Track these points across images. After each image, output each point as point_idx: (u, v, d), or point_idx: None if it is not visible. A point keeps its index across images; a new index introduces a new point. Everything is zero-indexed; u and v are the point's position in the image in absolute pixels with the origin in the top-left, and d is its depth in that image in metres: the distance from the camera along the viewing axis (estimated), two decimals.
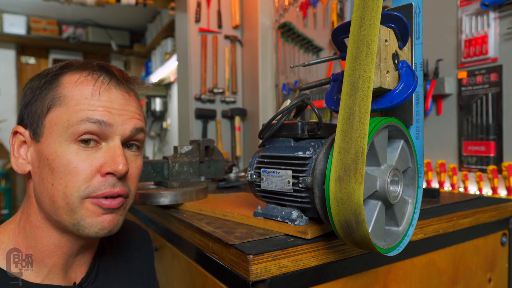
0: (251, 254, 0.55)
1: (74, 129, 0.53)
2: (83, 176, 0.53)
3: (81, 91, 0.56)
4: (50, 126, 0.55)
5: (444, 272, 0.84)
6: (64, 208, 0.54)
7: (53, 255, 0.58)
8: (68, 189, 0.53)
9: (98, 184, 0.54)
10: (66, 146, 0.54)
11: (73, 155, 0.53)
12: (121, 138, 0.57)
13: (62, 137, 0.54)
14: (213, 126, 2.41)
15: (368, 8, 0.53)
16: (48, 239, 0.57)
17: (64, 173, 0.53)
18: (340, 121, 0.53)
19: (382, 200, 0.59)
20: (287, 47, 2.13)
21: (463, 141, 1.24)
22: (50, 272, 0.58)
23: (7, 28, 4.03)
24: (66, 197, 0.53)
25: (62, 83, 0.57)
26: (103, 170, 0.54)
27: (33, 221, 0.58)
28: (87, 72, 0.58)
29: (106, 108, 0.55)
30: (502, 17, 1.13)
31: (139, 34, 4.81)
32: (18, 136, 0.58)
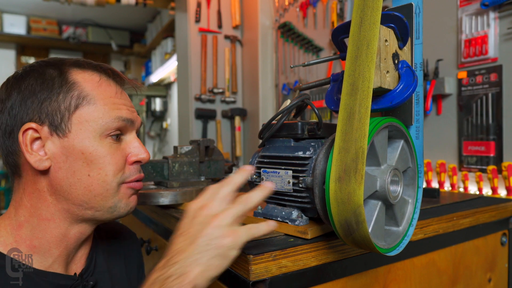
0: (251, 254, 0.55)
1: (107, 125, 0.61)
2: (119, 165, 0.62)
3: (105, 91, 0.63)
4: (80, 123, 0.60)
5: (444, 272, 0.84)
6: (102, 194, 0.61)
7: (59, 245, 0.61)
8: (109, 177, 0.60)
9: (130, 171, 0.64)
10: (100, 140, 0.60)
11: (108, 148, 0.61)
12: (136, 130, 0.67)
13: (96, 132, 0.60)
14: (213, 126, 2.41)
15: (368, 8, 0.53)
16: (58, 230, 0.61)
17: (104, 164, 0.60)
18: (340, 121, 0.53)
19: (382, 200, 0.59)
20: (287, 47, 2.13)
21: (463, 141, 1.24)
22: (55, 262, 0.61)
23: (7, 28, 4.03)
24: (106, 184, 0.60)
25: (80, 82, 0.61)
26: (131, 159, 0.64)
27: (43, 214, 0.60)
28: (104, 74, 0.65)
29: (127, 107, 0.65)
30: (502, 17, 1.13)
31: (139, 34, 4.81)
32: (29, 133, 0.58)
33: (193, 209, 0.54)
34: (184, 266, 0.47)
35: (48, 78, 0.61)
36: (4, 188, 3.94)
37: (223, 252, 0.49)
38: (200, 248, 0.48)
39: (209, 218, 0.51)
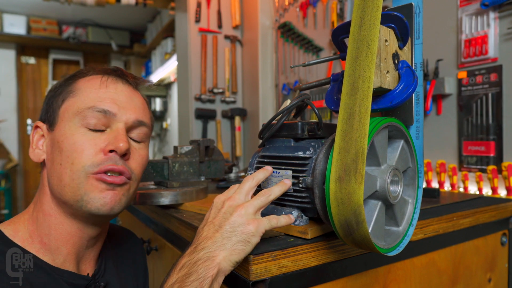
0: (251, 254, 0.55)
1: (82, 115, 0.60)
2: (88, 153, 0.59)
3: (91, 84, 0.63)
4: (63, 114, 0.62)
5: (444, 272, 0.84)
6: (69, 185, 0.58)
7: (66, 243, 0.62)
8: (74, 165, 0.58)
9: (101, 160, 0.59)
10: (75, 128, 0.60)
11: (80, 136, 0.59)
12: (125, 125, 0.63)
13: (72, 121, 0.60)
14: (213, 126, 2.41)
15: (368, 8, 0.53)
16: (61, 226, 0.61)
17: (71, 151, 0.58)
18: (340, 121, 0.53)
19: (382, 200, 0.59)
20: (287, 47, 2.13)
21: (463, 141, 1.24)
22: (65, 261, 0.61)
23: (7, 28, 4.03)
24: (72, 173, 0.58)
25: (77, 81, 0.65)
26: (106, 148, 0.60)
27: (46, 209, 0.61)
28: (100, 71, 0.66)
29: (112, 100, 0.62)
30: (502, 17, 1.13)
31: (139, 34, 4.81)
32: (38, 131, 0.65)
33: (218, 201, 0.58)
34: (211, 251, 0.51)
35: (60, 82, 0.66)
36: (4, 188, 3.94)
37: (246, 237, 0.53)
38: (225, 235, 0.52)
39: (233, 208, 0.55)
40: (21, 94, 4.42)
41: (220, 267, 0.51)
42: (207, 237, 0.53)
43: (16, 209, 4.30)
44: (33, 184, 4.45)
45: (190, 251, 0.53)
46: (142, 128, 0.67)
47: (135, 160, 0.65)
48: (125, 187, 0.62)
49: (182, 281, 0.49)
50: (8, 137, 4.23)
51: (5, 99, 4.26)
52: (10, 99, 4.29)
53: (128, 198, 0.64)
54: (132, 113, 0.64)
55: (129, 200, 0.65)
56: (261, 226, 0.54)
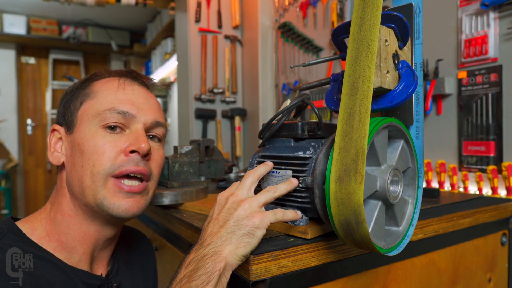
0: (251, 254, 0.55)
1: (102, 117, 0.61)
2: (109, 155, 0.59)
3: (108, 86, 0.64)
4: (82, 117, 0.62)
5: (444, 272, 0.84)
6: (90, 187, 0.59)
7: (83, 243, 0.62)
8: (95, 167, 0.59)
9: (122, 162, 0.60)
10: (95, 130, 0.60)
11: (100, 138, 0.60)
12: (144, 126, 0.64)
13: (91, 123, 0.61)
14: (213, 126, 2.41)
15: (368, 8, 0.53)
16: (80, 226, 0.62)
17: (92, 153, 0.59)
18: (340, 121, 0.53)
19: (382, 200, 0.59)
20: (287, 47, 2.13)
21: (463, 141, 1.24)
22: (80, 260, 0.62)
23: (7, 28, 4.03)
24: (93, 175, 0.59)
25: (93, 83, 0.65)
26: (128, 149, 0.60)
27: (65, 210, 0.62)
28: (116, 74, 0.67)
29: (131, 101, 0.63)
30: (502, 17, 1.13)
31: (139, 34, 4.81)
32: (55, 134, 0.66)
33: (222, 198, 0.58)
34: (217, 246, 0.52)
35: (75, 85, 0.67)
36: (4, 188, 3.94)
37: (251, 230, 0.53)
38: (230, 229, 0.53)
39: (237, 203, 0.55)
40: (21, 94, 4.42)
41: (227, 261, 0.51)
42: (213, 233, 0.54)
43: (16, 209, 4.30)
44: (33, 184, 4.46)
45: (196, 247, 0.53)
46: (160, 128, 0.68)
47: (155, 160, 0.66)
48: (144, 192, 0.63)
49: (190, 276, 0.50)
50: (8, 137, 4.23)
51: (5, 99, 4.26)
52: (10, 99, 4.29)
53: (148, 200, 0.65)
54: (150, 114, 0.65)
55: (149, 202, 0.66)
56: (266, 218, 0.54)
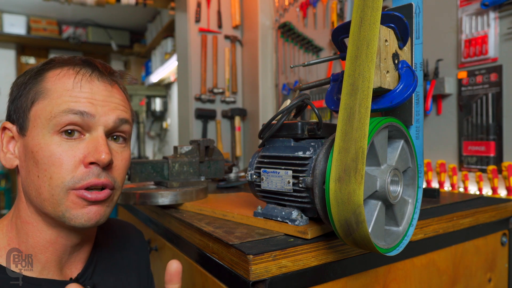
0: (251, 254, 0.55)
1: (56, 120, 0.54)
2: (67, 167, 0.54)
3: (63, 83, 0.56)
4: (34, 119, 0.55)
5: (444, 272, 0.84)
6: (49, 200, 0.54)
7: (45, 251, 0.58)
8: (53, 180, 0.53)
9: (82, 175, 0.54)
10: (49, 137, 0.54)
11: (56, 146, 0.54)
12: (105, 129, 0.57)
13: (45, 129, 0.54)
14: (213, 126, 2.40)
15: (368, 8, 0.53)
16: (39, 234, 0.58)
17: (48, 165, 0.53)
18: (340, 121, 0.53)
19: (382, 200, 0.59)
20: (287, 47, 2.13)
21: (463, 141, 1.24)
22: (44, 268, 0.58)
23: (7, 28, 4.03)
24: (51, 188, 0.54)
25: (46, 77, 0.57)
26: (86, 160, 0.54)
27: (23, 216, 0.58)
28: (69, 66, 0.58)
29: (88, 100, 0.56)
30: (502, 17, 1.13)
31: (139, 34, 4.81)
32: (6, 132, 0.59)
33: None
34: None
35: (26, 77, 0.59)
36: (4, 188, 3.94)
37: None
38: None
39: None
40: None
41: None
42: None
43: None
44: None
45: None
46: (124, 126, 0.61)
47: (118, 166, 0.60)
48: (109, 199, 0.58)
49: None
50: None
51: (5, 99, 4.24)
52: None
53: (112, 207, 0.60)
54: (111, 112, 0.58)
55: (113, 207, 0.61)
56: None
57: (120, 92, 0.63)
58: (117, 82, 0.63)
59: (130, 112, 0.64)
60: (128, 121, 0.62)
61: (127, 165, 0.63)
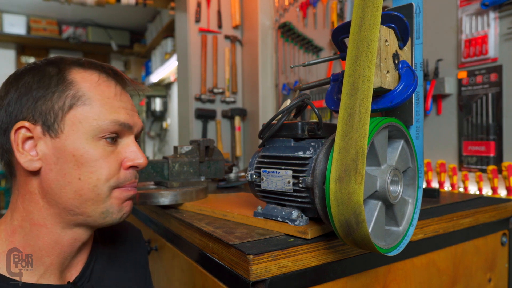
0: (251, 254, 0.55)
1: (102, 128, 0.58)
2: (112, 169, 0.59)
3: (102, 91, 0.60)
4: (73, 123, 0.57)
5: (444, 272, 0.84)
6: (93, 199, 0.58)
7: (52, 253, 0.58)
8: (100, 181, 0.58)
9: (125, 176, 0.61)
10: (93, 142, 0.58)
11: (101, 151, 0.58)
12: (135, 135, 0.64)
13: (89, 134, 0.57)
14: (213, 126, 2.41)
15: (368, 8, 0.53)
16: (50, 236, 0.58)
17: (95, 167, 0.57)
18: (340, 121, 0.53)
19: (382, 200, 0.59)
20: (287, 47, 2.13)
21: (463, 141, 1.24)
22: (46, 272, 0.58)
23: (7, 28, 4.03)
24: (97, 188, 0.58)
25: (78, 81, 0.59)
26: (127, 164, 0.61)
27: (35, 218, 0.58)
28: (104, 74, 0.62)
29: (126, 110, 0.61)
30: (502, 17, 1.13)
31: (139, 34, 4.81)
32: (21, 131, 0.56)
33: None
34: None
35: (46, 76, 0.59)
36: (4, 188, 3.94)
37: None
38: None
39: None
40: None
41: None
42: None
43: None
44: None
45: None
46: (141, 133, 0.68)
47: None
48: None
49: None
50: None
51: None
52: None
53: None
54: (138, 121, 0.64)
55: None
56: None
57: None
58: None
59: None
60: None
61: None
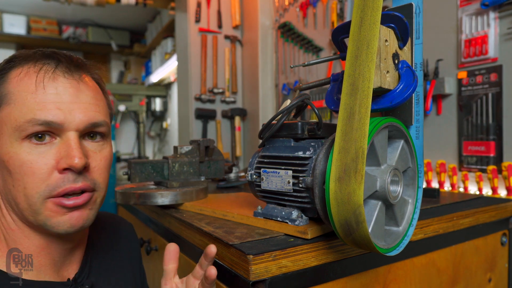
0: (251, 254, 0.55)
1: (22, 129, 0.50)
2: (40, 176, 0.51)
3: (25, 85, 0.52)
4: (1, 126, 0.52)
5: (444, 272, 0.84)
6: (27, 209, 0.52)
7: (37, 256, 0.57)
8: (28, 190, 0.51)
9: (57, 182, 0.51)
10: (18, 145, 0.51)
11: (26, 155, 0.51)
12: (77, 131, 0.54)
13: (12, 137, 0.51)
14: (213, 126, 2.41)
15: (368, 8, 0.53)
16: (28, 240, 0.56)
17: (21, 174, 0.51)
18: (340, 121, 0.53)
19: (382, 200, 0.59)
20: (287, 47, 2.13)
21: (463, 141, 1.24)
22: (40, 272, 0.57)
23: (7, 28, 4.02)
24: (27, 198, 0.51)
25: (9, 78, 0.53)
26: (60, 167, 0.51)
27: (5, 223, 0.56)
28: (30, 63, 0.53)
29: (55, 104, 0.51)
30: (502, 17, 1.13)
31: (139, 34, 4.80)
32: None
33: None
34: None
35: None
36: None
37: None
38: None
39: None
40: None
41: None
42: None
43: None
44: None
45: None
46: (98, 128, 0.57)
47: (98, 167, 0.56)
48: (91, 201, 0.56)
49: None
50: None
51: None
52: None
53: (96, 210, 0.58)
54: (82, 115, 0.53)
55: (97, 210, 0.59)
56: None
57: (91, 86, 0.57)
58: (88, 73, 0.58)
59: (104, 109, 0.59)
60: (102, 122, 0.57)
61: (109, 164, 0.59)
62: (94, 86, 0.58)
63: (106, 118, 0.59)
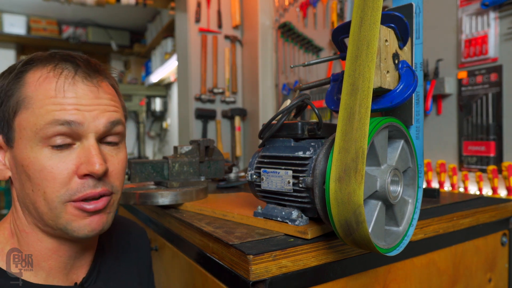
0: (251, 254, 0.55)
1: (43, 133, 0.51)
2: (60, 180, 0.51)
3: (45, 89, 0.52)
4: (20, 131, 0.52)
5: (444, 272, 0.84)
6: (48, 214, 0.53)
7: (48, 259, 0.57)
8: (48, 194, 0.51)
9: (77, 187, 0.52)
10: (38, 150, 0.51)
11: (47, 160, 0.51)
12: (96, 135, 0.54)
13: (33, 141, 0.51)
14: (213, 126, 2.41)
15: (368, 8, 0.53)
16: (40, 243, 0.56)
17: (41, 179, 0.51)
18: (340, 121, 0.53)
19: (382, 200, 0.59)
20: (287, 47, 2.13)
21: (463, 141, 1.24)
22: (49, 275, 0.58)
23: (7, 28, 4.03)
24: (47, 203, 0.52)
25: (27, 82, 0.53)
26: (80, 172, 0.52)
27: (21, 226, 0.57)
28: (49, 67, 0.54)
29: (74, 106, 0.52)
30: (502, 17, 1.13)
31: (139, 34, 4.81)
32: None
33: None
34: None
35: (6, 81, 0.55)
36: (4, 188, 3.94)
37: None
38: None
39: None
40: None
41: None
42: None
43: None
44: None
45: None
46: (116, 128, 0.57)
47: (115, 171, 0.57)
48: (109, 205, 0.57)
49: None
50: None
51: None
52: None
53: (114, 211, 0.59)
54: (101, 116, 0.54)
55: (115, 211, 0.60)
56: None
57: (108, 89, 0.58)
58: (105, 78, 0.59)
59: (121, 110, 0.60)
60: (121, 121, 0.58)
61: (125, 166, 0.60)
62: (111, 90, 0.59)
63: (123, 118, 0.60)
